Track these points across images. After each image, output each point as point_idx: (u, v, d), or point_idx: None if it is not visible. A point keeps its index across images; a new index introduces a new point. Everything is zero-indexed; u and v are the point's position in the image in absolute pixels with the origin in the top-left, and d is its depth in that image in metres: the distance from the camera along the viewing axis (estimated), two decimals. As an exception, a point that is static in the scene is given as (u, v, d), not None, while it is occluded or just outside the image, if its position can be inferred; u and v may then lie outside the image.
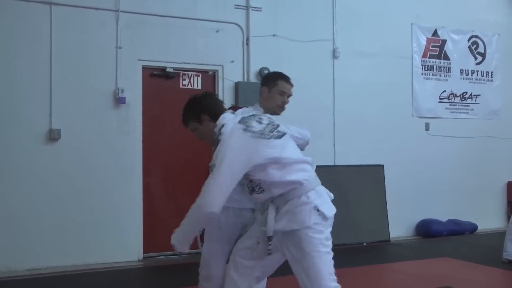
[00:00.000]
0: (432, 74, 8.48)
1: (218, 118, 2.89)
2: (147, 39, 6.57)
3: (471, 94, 8.80)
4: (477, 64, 8.91)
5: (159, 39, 6.62)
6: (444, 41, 8.59)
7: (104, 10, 6.35)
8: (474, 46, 8.90)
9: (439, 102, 8.52)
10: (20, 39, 5.97)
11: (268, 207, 2.76)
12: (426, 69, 8.42)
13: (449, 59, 8.62)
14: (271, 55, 7.18)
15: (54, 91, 6.07)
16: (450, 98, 8.61)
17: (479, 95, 8.87)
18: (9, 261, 5.79)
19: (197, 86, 6.91)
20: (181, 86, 6.83)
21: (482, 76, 8.95)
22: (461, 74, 8.75)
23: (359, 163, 7.68)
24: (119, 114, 6.38)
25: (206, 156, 2.97)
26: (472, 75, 8.85)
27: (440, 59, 8.56)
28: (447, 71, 8.61)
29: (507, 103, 9.06)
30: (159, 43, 6.63)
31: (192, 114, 2.97)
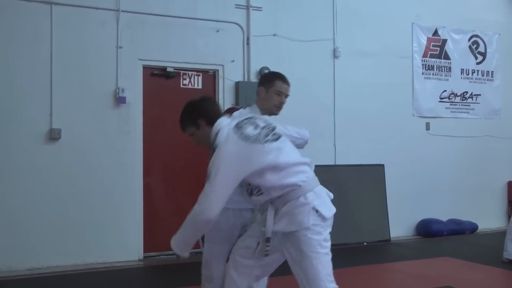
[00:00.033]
0: (433, 74, 8.48)
1: (215, 123, 2.88)
2: (148, 39, 6.57)
3: (471, 94, 8.80)
4: (477, 63, 8.91)
5: (160, 39, 6.62)
6: (444, 41, 8.58)
7: (105, 9, 6.35)
8: (475, 45, 8.90)
9: (440, 101, 8.52)
10: (21, 39, 5.97)
11: (267, 208, 2.76)
12: (426, 68, 8.42)
13: (449, 59, 8.62)
14: (271, 54, 7.18)
15: (54, 90, 6.08)
16: (450, 97, 8.60)
17: (479, 95, 8.87)
18: (10, 260, 5.79)
19: (198, 86, 6.91)
20: (181, 86, 6.84)
21: (483, 76, 8.95)
22: (461, 74, 8.74)
23: (360, 162, 7.67)
24: (120, 113, 6.38)
25: (206, 156, 2.95)
26: (472, 75, 8.85)
27: (441, 58, 8.55)
28: (447, 70, 8.61)
29: (508, 103, 9.05)
30: (159, 42, 6.63)
31: (189, 119, 2.97)
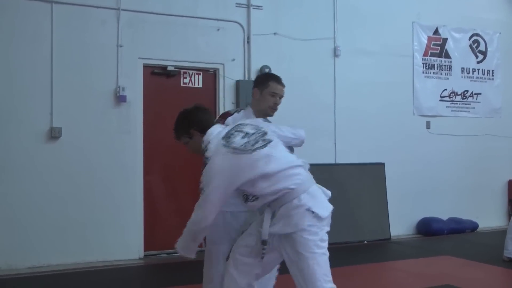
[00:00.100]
0: (433, 73, 8.47)
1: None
2: (148, 38, 6.57)
3: (472, 93, 8.79)
4: (478, 62, 8.90)
5: (160, 38, 6.62)
6: (445, 40, 8.58)
7: (105, 8, 6.35)
8: (475, 44, 8.89)
9: (440, 100, 8.51)
10: (21, 38, 5.97)
11: (265, 211, 2.79)
12: (427, 67, 8.41)
13: (450, 58, 8.61)
14: (272, 53, 7.18)
15: (55, 89, 6.08)
16: (451, 96, 8.60)
17: (480, 94, 8.86)
18: (10, 259, 5.80)
19: (198, 85, 6.91)
20: (182, 85, 6.83)
21: (483, 75, 8.94)
22: (462, 73, 8.74)
23: (360, 161, 7.67)
24: (120, 112, 6.38)
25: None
26: (473, 74, 8.84)
27: (441, 57, 8.55)
28: (448, 69, 8.60)
29: (508, 102, 9.05)
30: (160, 41, 6.63)
31: (182, 129, 3.04)
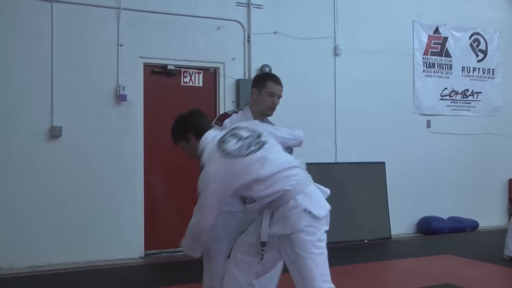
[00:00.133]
0: (434, 72, 8.47)
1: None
2: (148, 37, 6.56)
3: (472, 92, 8.79)
4: (478, 61, 8.89)
5: (160, 37, 6.62)
6: (445, 38, 8.57)
7: (105, 7, 6.34)
8: (476, 43, 8.88)
9: (441, 99, 8.51)
10: (21, 37, 5.97)
11: (264, 212, 2.81)
12: (427, 66, 8.41)
13: (450, 57, 8.61)
14: (272, 52, 7.17)
15: (55, 88, 6.07)
16: (451, 95, 8.59)
17: (480, 93, 8.85)
18: (11, 258, 5.80)
19: (198, 84, 6.91)
20: (182, 84, 6.83)
21: (484, 74, 8.93)
22: (462, 72, 8.73)
23: (360, 160, 7.67)
24: (120, 111, 6.38)
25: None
26: (473, 73, 8.83)
27: (442, 56, 8.54)
28: (448, 68, 8.60)
29: (508, 101, 9.04)
30: (160, 40, 6.62)
31: (179, 133, 3.11)
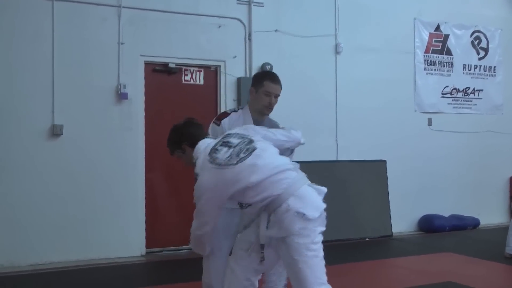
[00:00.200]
0: (435, 69, 8.46)
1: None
2: (149, 35, 6.56)
3: (473, 89, 8.78)
4: (479, 59, 8.88)
5: (161, 35, 6.62)
6: (446, 36, 8.56)
7: (106, 6, 6.34)
8: (477, 41, 8.87)
9: (442, 97, 8.50)
10: (22, 35, 5.97)
11: (261, 215, 2.82)
12: (428, 64, 8.40)
13: (451, 54, 8.60)
14: (273, 50, 7.17)
15: (56, 87, 6.08)
16: (452, 93, 8.59)
17: (481, 90, 8.85)
18: (12, 256, 5.81)
19: (199, 82, 6.91)
20: (183, 82, 6.83)
21: (485, 71, 8.93)
22: (463, 69, 8.72)
23: (361, 158, 7.66)
24: (121, 109, 6.38)
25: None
26: (474, 70, 8.83)
27: (443, 54, 8.53)
28: (449, 66, 8.58)
29: (510, 98, 9.03)
30: (161, 38, 6.62)
31: (174, 144, 3.16)
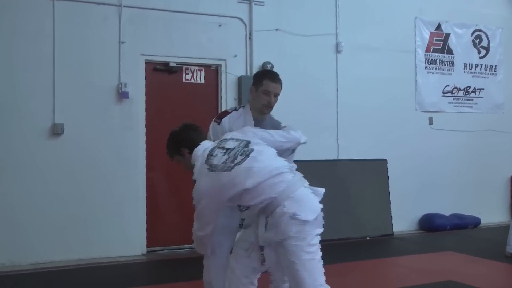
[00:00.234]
0: (436, 68, 8.46)
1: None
2: (150, 34, 6.56)
3: (474, 88, 8.78)
4: (480, 58, 8.88)
5: (162, 34, 6.62)
6: (447, 35, 8.56)
7: (107, 5, 6.34)
8: (478, 40, 8.87)
9: (443, 96, 8.50)
10: (23, 35, 5.97)
11: (259, 217, 2.84)
12: (429, 63, 8.40)
13: (452, 53, 8.59)
14: (274, 49, 7.16)
15: (57, 86, 6.08)
16: (453, 92, 8.58)
17: (482, 89, 8.84)
18: (13, 255, 5.82)
19: (200, 81, 6.91)
20: (184, 81, 6.83)
21: (486, 70, 8.92)
22: (464, 68, 8.72)
23: (362, 157, 7.66)
24: (122, 108, 6.38)
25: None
26: (475, 69, 8.82)
27: (444, 53, 8.53)
28: (450, 65, 8.58)
29: (511, 97, 9.03)
30: (162, 37, 6.62)
31: (173, 149, 3.16)
